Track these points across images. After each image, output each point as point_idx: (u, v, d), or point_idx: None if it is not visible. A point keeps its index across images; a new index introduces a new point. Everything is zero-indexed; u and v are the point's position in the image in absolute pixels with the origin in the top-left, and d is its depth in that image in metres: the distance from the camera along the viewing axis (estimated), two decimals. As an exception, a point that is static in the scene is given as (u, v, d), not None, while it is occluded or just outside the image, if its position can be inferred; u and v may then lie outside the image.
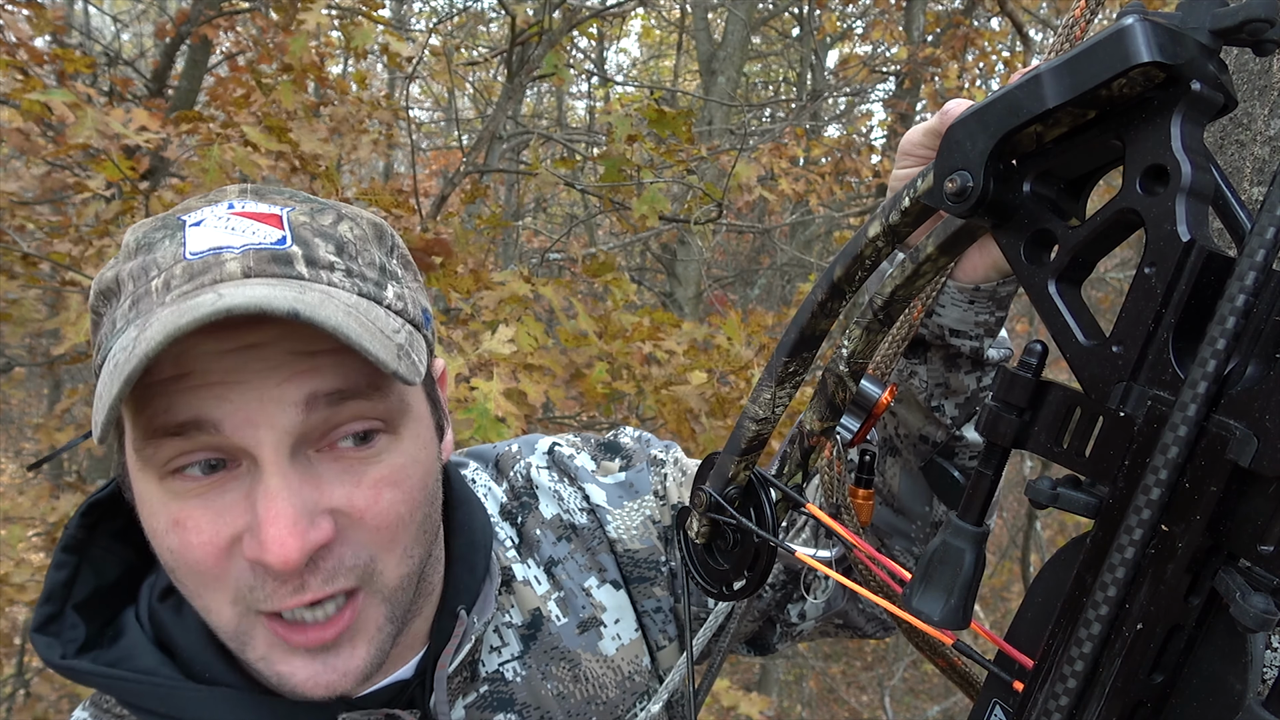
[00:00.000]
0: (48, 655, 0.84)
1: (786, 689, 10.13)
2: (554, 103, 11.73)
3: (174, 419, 0.73)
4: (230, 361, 0.73)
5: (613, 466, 1.14)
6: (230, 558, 0.76)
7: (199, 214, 0.80)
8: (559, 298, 3.73)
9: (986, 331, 0.93)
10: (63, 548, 0.89)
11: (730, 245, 11.22)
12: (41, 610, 0.87)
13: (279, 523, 0.72)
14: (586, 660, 1.05)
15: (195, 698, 0.83)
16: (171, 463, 0.75)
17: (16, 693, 6.50)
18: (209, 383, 0.73)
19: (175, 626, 0.88)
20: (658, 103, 6.90)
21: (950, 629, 0.56)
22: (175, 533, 0.76)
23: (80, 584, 0.89)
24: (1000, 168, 0.54)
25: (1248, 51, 0.93)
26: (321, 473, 0.77)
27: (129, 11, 9.67)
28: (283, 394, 0.73)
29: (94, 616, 0.89)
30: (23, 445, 10.89)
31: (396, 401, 0.80)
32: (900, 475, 1.03)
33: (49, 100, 3.18)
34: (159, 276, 0.76)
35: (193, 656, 0.87)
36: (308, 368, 0.75)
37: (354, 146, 4.58)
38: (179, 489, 0.76)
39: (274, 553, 0.72)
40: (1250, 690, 0.45)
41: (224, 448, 0.74)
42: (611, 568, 1.09)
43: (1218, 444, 0.43)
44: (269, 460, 0.74)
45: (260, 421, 0.73)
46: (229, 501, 0.75)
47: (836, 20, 9.57)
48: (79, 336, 3.08)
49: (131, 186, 3.46)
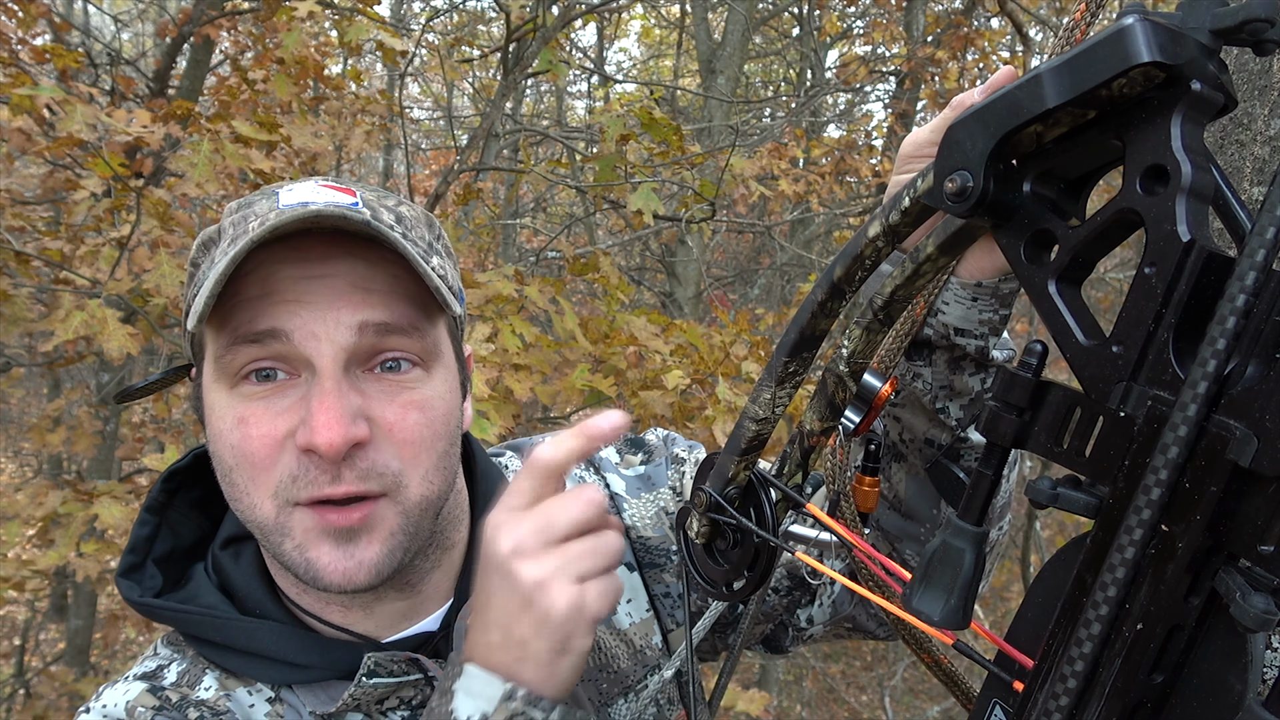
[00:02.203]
0: (129, 595, 1.00)
1: (786, 689, 10.13)
2: (554, 102, 11.73)
3: (255, 327, 0.88)
4: (304, 286, 0.89)
5: (634, 460, 1.23)
6: (281, 450, 0.90)
7: (289, 185, 0.96)
8: (544, 297, 3.72)
9: (991, 330, 0.93)
10: (146, 508, 1.05)
11: (730, 245, 11.22)
12: (126, 559, 1.02)
13: (329, 413, 0.86)
14: (600, 631, 1.11)
15: (245, 628, 0.97)
16: (244, 369, 0.90)
17: (16, 693, 6.50)
18: (286, 300, 0.89)
19: (232, 570, 1.02)
20: (657, 102, 6.90)
21: (950, 629, 0.56)
22: (239, 428, 0.90)
23: (160, 541, 1.05)
24: (1000, 168, 0.54)
25: (1248, 51, 0.93)
26: (364, 388, 0.91)
27: (129, 11, 9.67)
28: (341, 316, 0.89)
29: (169, 570, 1.04)
30: (22, 445, 10.89)
31: (431, 344, 0.95)
32: (906, 480, 1.03)
33: (38, 95, 3.18)
34: (256, 220, 0.90)
35: (246, 595, 1.01)
36: (363, 299, 0.90)
37: (347, 137, 4.59)
38: (247, 392, 0.91)
39: (322, 435, 0.85)
40: (1250, 690, 0.45)
41: (289, 356, 0.89)
42: (626, 551, 1.13)
43: (1218, 444, 0.43)
44: (325, 368, 0.89)
45: (322, 336, 0.88)
46: (287, 404, 0.90)
47: (837, 20, 9.57)
48: (68, 334, 3.09)
49: (123, 184, 3.46)
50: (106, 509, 3.28)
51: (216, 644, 0.98)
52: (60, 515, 3.31)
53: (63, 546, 3.31)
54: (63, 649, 7.57)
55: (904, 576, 0.62)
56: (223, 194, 3.78)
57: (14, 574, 3.53)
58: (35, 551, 3.74)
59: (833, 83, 9.47)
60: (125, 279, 3.30)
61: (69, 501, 3.32)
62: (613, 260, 4.64)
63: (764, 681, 8.78)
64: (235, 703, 0.97)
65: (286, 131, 3.69)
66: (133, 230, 3.36)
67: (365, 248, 0.92)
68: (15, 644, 9.17)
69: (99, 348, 3.19)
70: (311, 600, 1.01)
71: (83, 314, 3.11)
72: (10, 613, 9.68)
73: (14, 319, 3.22)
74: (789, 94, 10.65)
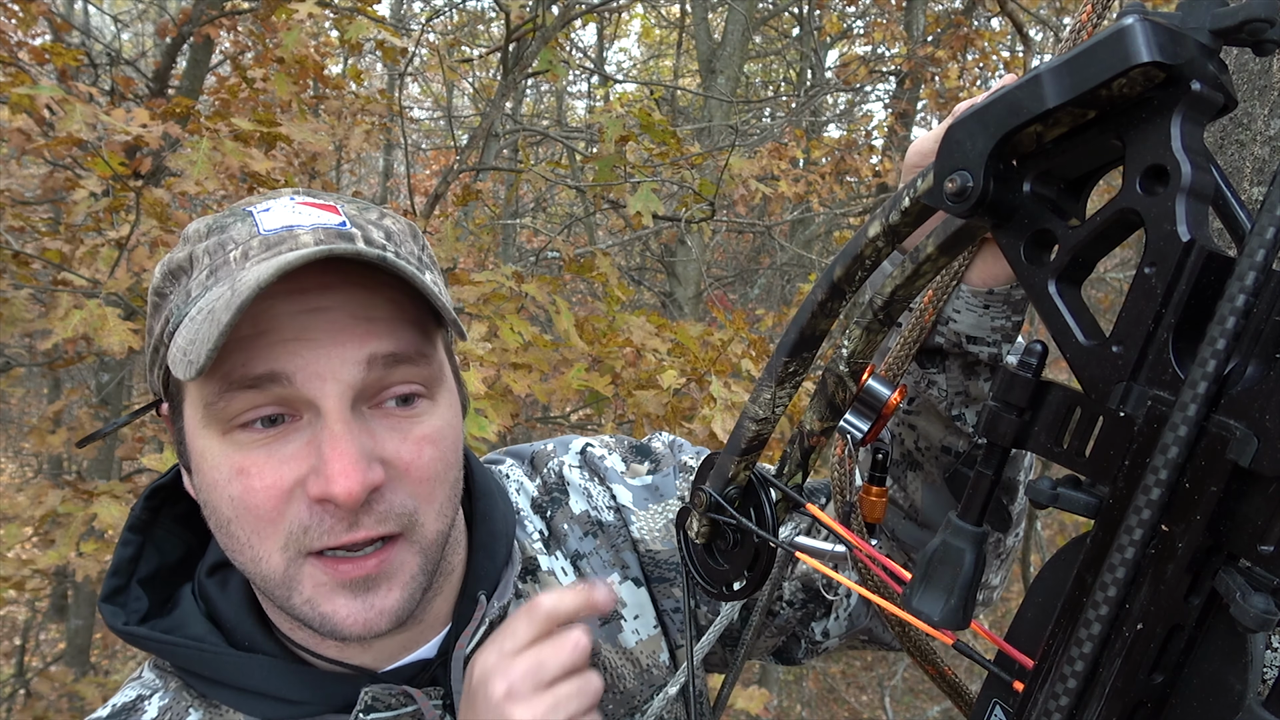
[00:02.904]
0: (112, 622, 0.94)
1: (786, 688, 10.13)
2: (554, 102, 11.73)
3: (251, 371, 0.81)
4: (302, 321, 0.82)
5: (641, 470, 1.19)
6: (289, 501, 0.84)
7: (264, 204, 0.90)
8: (543, 294, 3.73)
9: (1004, 337, 0.92)
10: (129, 528, 0.99)
11: (730, 245, 11.22)
12: (109, 582, 0.97)
13: (345, 459, 0.81)
14: (606, 650, 1.09)
15: (235, 663, 0.92)
16: (239, 417, 0.83)
17: (16, 693, 6.50)
18: (284, 339, 0.82)
19: (219, 599, 0.97)
20: (657, 103, 6.90)
21: (950, 629, 0.56)
22: (239, 479, 0.83)
23: (145, 561, 0.99)
24: (1000, 168, 0.54)
25: (1248, 51, 0.93)
26: (374, 427, 0.86)
27: (129, 11, 9.67)
28: (346, 352, 0.83)
29: (156, 591, 0.99)
30: (22, 445, 10.88)
31: (437, 369, 0.91)
32: (923, 489, 1.02)
33: (37, 95, 3.17)
34: (237, 249, 0.85)
35: (235, 626, 0.96)
36: (367, 331, 0.84)
37: (346, 136, 4.59)
38: (243, 440, 0.83)
39: (340, 484, 0.80)
40: (1250, 690, 0.45)
41: (292, 399, 0.83)
42: (634, 566, 1.13)
43: (1218, 444, 0.43)
44: (333, 410, 0.82)
45: (327, 375, 0.82)
46: (291, 450, 0.84)
47: (837, 20, 9.56)
48: (67, 333, 3.08)
49: (122, 184, 3.46)
50: (105, 508, 3.27)
51: (205, 677, 0.94)
52: (60, 515, 3.31)
53: (62, 546, 3.31)
54: (63, 649, 7.58)
55: (905, 578, 0.61)
56: (223, 194, 3.78)
57: (14, 573, 3.53)
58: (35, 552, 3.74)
59: (833, 82, 9.46)
60: (124, 278, 3.30)
61: (68, 501, 3.31)
62: (612, 260, 4.64)
63: (764, 681, 8.78)
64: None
65: (285, 130, 3.69)
66: (132, 230, 3.36)
67: (362, 273, 0.86)
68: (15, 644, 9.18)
69: (99, 347, 3.19)
70: (306, 635, 0.96)
71: (81, 313, 3.11)
72: (10, 613, 9.68)
73: (12, 319, 3.21)
74: (789, 94, 10.65)
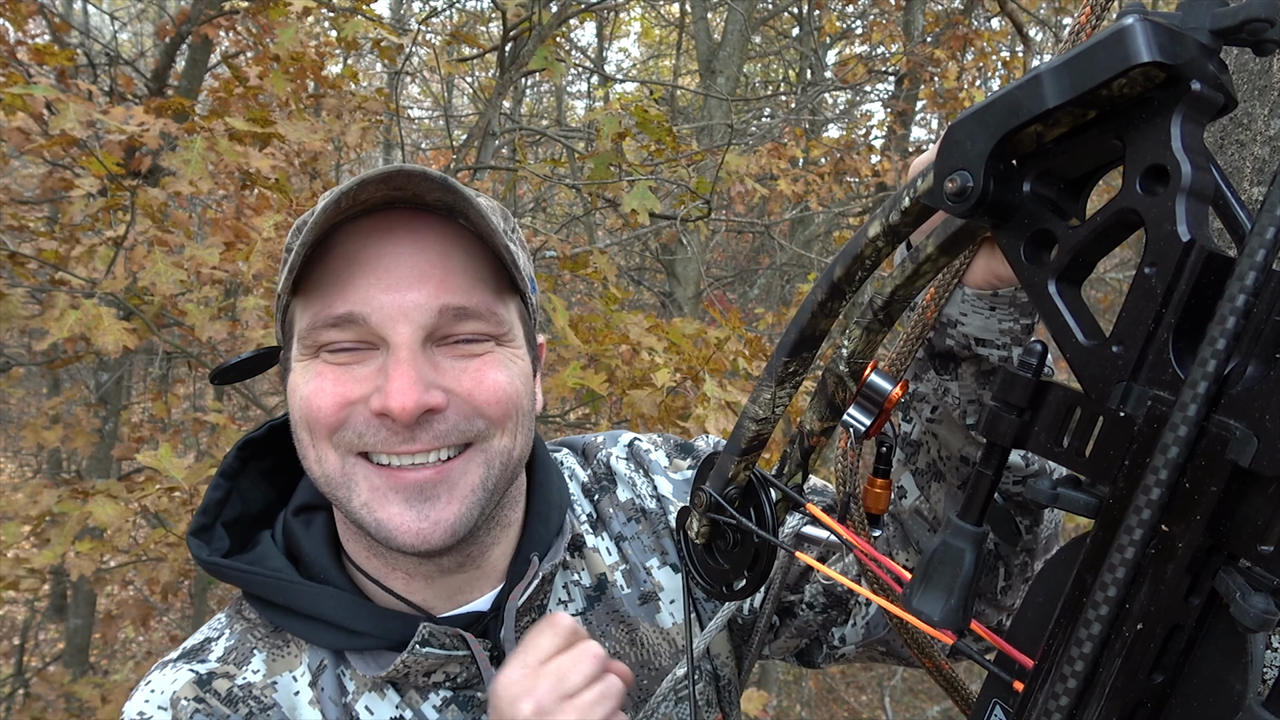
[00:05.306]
0: (198, 553, 1.05)
1: (786, 688, 10.13)
2: (553, 102, 11.72)
3: (334, 312, 0.94)
4: (388, 261, 0.94)
5: (683, 465, 1.28)
6: (350, 409, 0.95)
7: None
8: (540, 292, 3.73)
9: (1014, 340, 0.91)
10: (220, 474, 1.10)
11: (730, 245, 11.21)
12: (197, 520, 1.07)
13: (403, 379, 0.92)
14: (644, 628, 1.16)
15: (307, 592, 1.02)
16: (326, 345, 0.96)
17: (16, 692, 6.49)
18: (368, 275, 0.94)
19: (303, 536, 1.07)
20: (657, 102, 6.89)
21: (950, 629, 0.56)
22: (313, 383, 0.96)
23: (230, 506, 1.10)
24: (1000, 168, 0.54)
25: (1248, 51, 0.93)
26: (439, 360, 0.97)
27: (127, 10, 9.66)
28: (421, 298, 0.94)
29: (237, 535, 1.09)
30: (21, 445, 10.87)
31: (507, 327, 1.01)
32: (946, 500, 1.02)
33: (34, 95, 3.17)
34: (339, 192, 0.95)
35: (313, 560, 1.05)
36: (441, 282, 0.95)
37: (343, 132, 4.58)
38: (326, 359, 0.97)
39: (396, 400, 0.91)
40: (1250, 690, 0.45)
41: (368, 336, 0.95)
42: (673, 552, 1.21)
43: (1218, 444, 0.43)
44: (402, 344, 0.94)
45: (399, 318, 0.94)
46: (361, 373, 0.96)
47: (836, 20, 9.56)
48: (63, 332, 3.09)
49: (118, 183, 3.45)
50: (100, 507, 3.26)
51: (278, 605, 1.02)
52: (56, 514, 3.30)
53: (58, 545, 3.30)
54: (62, 649, 7.57)
55: (905, 578, 0.61)
56: (223, 194, 3.77)
57: (9, 573, 3.53)
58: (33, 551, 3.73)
59: (831, 81, 9.46)
60: (121, 278, 3.29)
61: (64, 500, 3.31)
62: (610, 258, 4.63)
63: (764, 681, 8.78)
64: (280, 691, 1.01)
65: (281, 129, 3.68)
66: (128, 229, 3.35)
67: (444, 224, 0.96)
68: (15, 644, 9.16)
69: (97, 347, 3.19)
70: (378, 565, 1.04)
71: (77, 312, 3.11)
72: (10, 612, 9.67)
73: (7, 315, 3.21)
74: (788, 93, 10.65)
